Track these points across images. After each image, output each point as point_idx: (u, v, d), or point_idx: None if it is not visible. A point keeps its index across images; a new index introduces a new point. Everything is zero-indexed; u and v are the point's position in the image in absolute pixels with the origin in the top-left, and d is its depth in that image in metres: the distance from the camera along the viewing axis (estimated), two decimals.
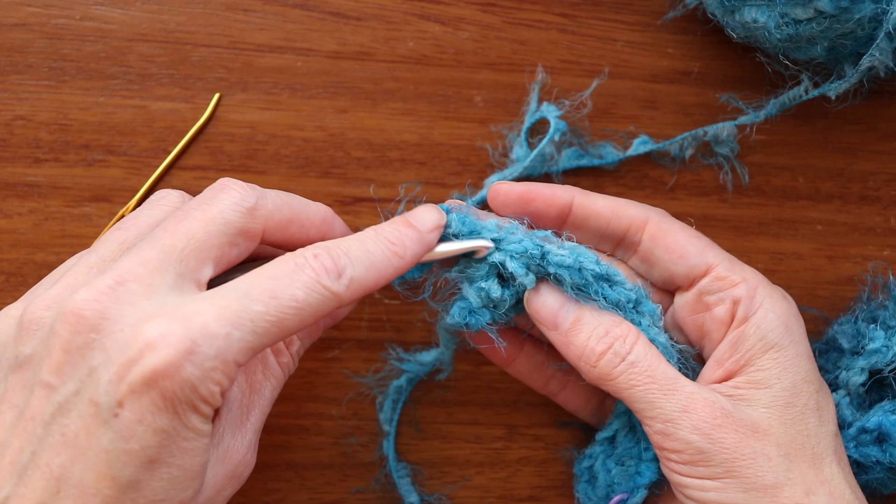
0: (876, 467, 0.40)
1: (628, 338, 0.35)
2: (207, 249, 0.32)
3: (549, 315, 0.36)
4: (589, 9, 0.46)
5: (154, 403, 0.28)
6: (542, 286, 0.36)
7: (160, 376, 0.28)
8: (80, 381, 0.29)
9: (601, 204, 0.39)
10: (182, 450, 0.29)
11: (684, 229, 0.38)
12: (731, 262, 0.38)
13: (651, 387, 0.35)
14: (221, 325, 0.29)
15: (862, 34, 0.41)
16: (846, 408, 0.42)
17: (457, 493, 0.45)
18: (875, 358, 0.42)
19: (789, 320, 0.37)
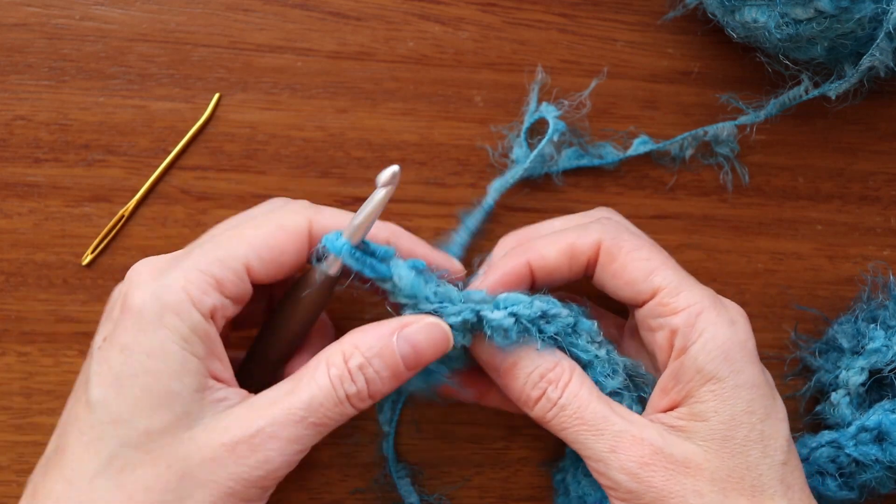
0: (875, 466, 0.40)
1: (560, 381, 0.35)
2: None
3: (488, 359, 0.37)
4: (589, 9, 0.46)
5: (124, 325, 0.32)
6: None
7: (126, 299, 0.32)
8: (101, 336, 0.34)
9: (552, 256, 0.38)
10: (145, 368, 0.31)
11: (634, 250, 0.37)
12: (679, 285, 0.36)
13: (580, 428, 0.35)
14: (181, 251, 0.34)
15: (862, 34, 0.41)
16: (846, 407, 0.42)
17: (457, 493, 0.44)
18: (875, 357, 0.42)
19: (731, 350, 0.35)
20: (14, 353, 0.42)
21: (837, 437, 0.41)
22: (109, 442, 0.31)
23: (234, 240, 0.34)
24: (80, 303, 0.43)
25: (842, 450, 0.41)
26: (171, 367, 0.32)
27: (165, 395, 0.32)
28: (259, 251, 0.34)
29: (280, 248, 0.35)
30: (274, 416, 0.32)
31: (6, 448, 0.42)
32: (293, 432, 0.32)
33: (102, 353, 0.33)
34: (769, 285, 0.47)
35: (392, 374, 0.34)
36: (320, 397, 0.33)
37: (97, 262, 0.43)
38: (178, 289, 0.32)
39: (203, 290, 0.33)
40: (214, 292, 0.33)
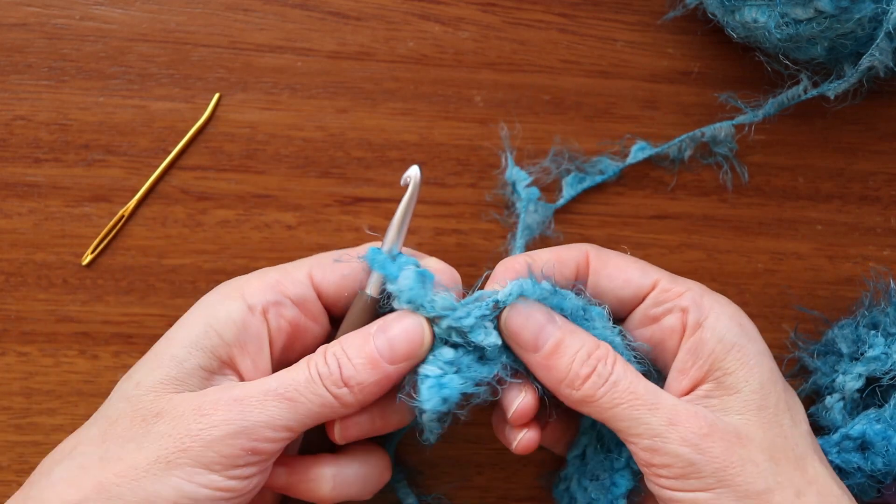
0: (857, 474, 0.40)
1: (608, 358, 0.35)
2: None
3: (529, 337, 0.36)
4: (589, 9, 0.46)
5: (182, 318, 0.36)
6: (520, 304, 0.36)
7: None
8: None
9: (545, 258, 0.38)
10: (168, 339, 0.35)
11: (621, 256, 0.39)
12: (673, 277, 0.38)
13: (635, 403, 0.34)
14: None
15: (862, 34, 0.41)
16: (838, 412, 0.42)
17: (457, 493, 0.45)
18: (874, 365, 0.42)
19: (741, 320, 0.37)
20: (14, 353, 0.42)
21: (821, 443, 0.41)
22: (114, 395, 0.35)
23: (299, 261, 0.38)
24: (80, 303, 0.43)
25: (825, 456, 0.41)
26: (189, 337, 0.34)
27: (168, 357, 0.34)
28: (321, 262, 0.37)
29: (340, 269, 0.37)
30: (246, 389, 0.34)
31: (6, 448, 0.42)
32: (263, 402, 0.33)
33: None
34: (769, 285, 0.47)
35: (368, 362, 0.34)
36: (293, 373, 0.34)
37: (97, 262, 0.43)
38: (235, 286, 0.36)
39: (258, 288, 0.35)
40: (271, 289, 0.35)
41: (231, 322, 0.34)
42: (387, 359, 0.34)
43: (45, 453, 0.42)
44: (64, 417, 0.42)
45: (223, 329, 0.34)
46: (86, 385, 0.43)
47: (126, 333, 0.43)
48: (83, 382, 0.43)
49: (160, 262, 0.43)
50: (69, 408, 0.42)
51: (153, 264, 0.43)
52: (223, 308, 0.35)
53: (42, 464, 0.35)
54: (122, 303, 0.43)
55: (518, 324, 0.36)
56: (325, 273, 0.36)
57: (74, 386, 0.43)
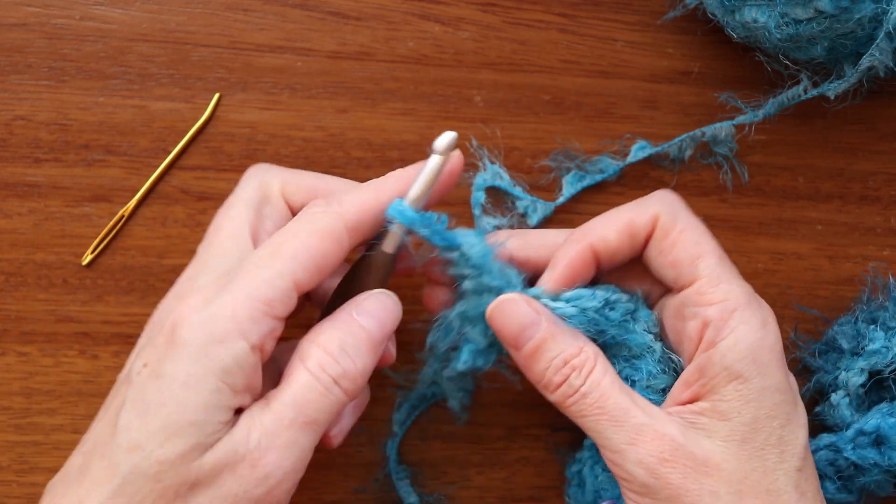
0: (873, 470, 0.40)
1: (584, 368, 0.35)
2: (238, 231, 0.35)
3: (511, 334, 0.36)
4: (589, 9, 0.46)
5: (167, 356, 0.31)
6: (504, 300, 0.36)
7: (174, 328, 0.32)
8: (132, 363, 0.34)
9: (614, 238, 0.37)
10: (175, 398, 0.31)
11: (688, 229, 0.36)
12: (720, 276, 0.36)
13: (600, 418, 0.34)
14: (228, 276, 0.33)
15: (862, 34, 0.41)
16: (845, 408, 0.42)
17: (457, 493, 0.45)
18: (875, 359, 0.42)
19: (759, 351, 0.34)
20: (14, 353, 0.42)
21: (836, 440, 0.41)
22: (123, 468, 0.31)
23: (276, 259, 0.33)
24: (80, 303, 0.43)
25: (840, 453, 0.41)
26: (202, 397, 0.31)
27: (187, 424, 0.31)
28: (305, 264, 0.33)
29: (322, 255, 0.34)
30: (263, 426, 0.32)
31: (6, 448, 0.42)
32: (286, 437, 0.32)
33: (141, 381, 0.32)
34: (769, 285, 0.47)
35: (369, 348, 0.34)
36: (303, 390, 0.33)
37: (97, 262, 0.43)
38: (227, 318, 0.31)
39: (254, 319, 0.32)
40: (266, 318, 0.32)
41: (241, 370, 0.32)
42: (378, 338, 0.35)
43: (45, 453, 0.42)
44: (64, 417, 0.42)
45: (236, 380, 0.32)
46: (86, 385, 0.43)
47: (126, 333, 0.43)
48: (83, 382, 0.43)
49: (160, 262, 0.43)
50: (69, 408, 0.42)
51: (153, 264, 0.43)
52: (229, 355, 0.31)
53: None
54: (122, 303, 0.43)
55: (502, 320, 0.36)
56: (309, 277, 0.34)
57: (74, 386, 0.43)
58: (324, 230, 0.34)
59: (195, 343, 0.31)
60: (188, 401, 0.31)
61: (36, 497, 0.42)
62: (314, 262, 0.34)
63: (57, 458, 0.42)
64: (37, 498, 0.34)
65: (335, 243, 0.34)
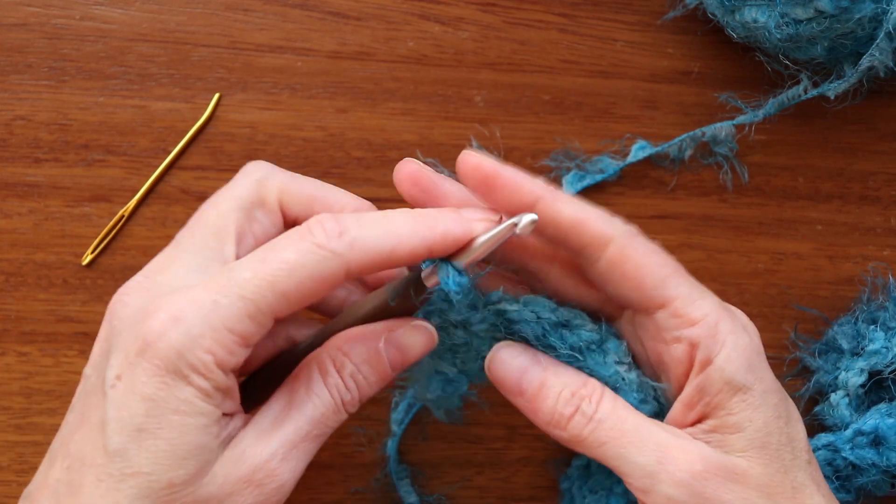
0: (871, 470, 0.40)
1: (593, 396, 0.34)
2: (223, 227, 0.34)
3: (513, 384, 0.35)
4: (589, 9, 0.46)
5: (144, 372, 0.30)
6: (501, 349, 0.35)
7: (148, 345, 0.30)
8: (99, 365, 0.32)
9: (565, 214, 0.35)
10: (170, 423, 0.30)
11: (648, 255, 0.35)
12: (692, 294, 0.34)
13: (622, 441, 0.33)
14: (208, 293, 0.31)
15: (862, 34, 0.41)
16: (845, 408, 0.42)
17: (457, 493, 0.45)
18: (875, 359, 0.42)
19: (752, 357, 0.34)
20: (14, 353, 0.42)
21: (834, 440, 0.41)
22: (129, 492, 0.30)
23: (269, 294, 0.31)
24: (80, 303, 0.43)
25: (838, 453, 0.41)
26: (200, 421, 0.31)
27: (195, 447, 0.31)
28: (290, 300, 0.32)
29: (311, 295, 0.32)
30: (284, 437, 0.32)
31: (6, 448, 0.42)
32: (302, 449, 0.32)
33: (120, 398, 0.31)
34: (769, 285, 0.47)
35: (380, 379, 0.34)
36: (321, 408, 0.33)
37: (97, 262, 0.43)
38: (205, 351, 0.31)
39: (230, 351, 0.31)
40: (240, 349, 0.31)
41: (221, 394, 0.31)
42: (396, 369, 0.34)
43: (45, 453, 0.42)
44: (64, 417, 0.42)
45: (219, 402, 0.31)
46: None
47: None
48: None
49: None
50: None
51: None
52: (209, 385, 0.31)
53: None
54: None
55: (500, 373, 0.35)
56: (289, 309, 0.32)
57: (74, 386, 0.42)
58: (323, 275, 0.32)
59: (175, 370, 0.30)
60: (185, 425, 0.30)
61: None
62: (301, 303, 0.32)
63: None
64: None
65: (331, 287, 0.32)
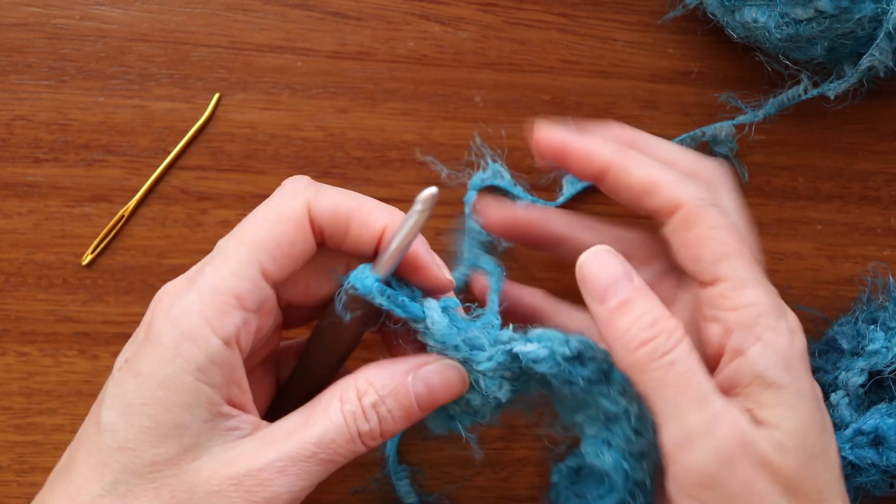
0: (871, 469, 0.40)
1: (674, 335, 0.32)
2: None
3: (599, 287, 0.33)
4: (589, 9, 0.46)
5: (145, 353, 0.31)
6: (598, 249, 0.34)
7: (151, 328, 0.31)
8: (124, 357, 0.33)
9: (636, 178, 0.35)
10: (155, 399, 0.31)
11: (713, 228, 0.34)
12: (746, 279, 0.33)
13: (684, 394, 0.32)
14: (199, 267, 0.33)
15: (862, 34, 0.41)
16: (845, 408, 0.42)
17: (457, 493, 0.45)
18: (875, 359, 0.42)
19: (790, 359, 0.33)
20: (14, 353, 0.42)
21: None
22: (115, 467, 0.31)
23: (241, 247, 0.32)
24: (80, 303, 0.43)
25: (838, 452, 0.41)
26: (182, 398, 0.31)
27: (174, 425, 0.31)
28: (269, 250, 0.32)
29: (288, 240, 0.33)
30: (285, 450, 0.32)
31: (6, 448, 0.42)
32: (303, 468, 0.32)
33: (120, 376, 0.32)
34: None
35: (405, 415, 0.33)
36: (332, 433, 0.32)
37: (97, 262, 0.43)
38: (196, 314, 0.31)
39: (223, 312, 0.31)
40: (235, 311, 0.31)
41: (216, 367, 0.31)
42: (423, 408, 0.34)
43: (45, 453, 0.42)
44: (64, 417, 0.42)
45: (213, 378, 0.31)
46: (86, 385, 0.43)
47: (126, 333, 0.43)
48: (83, 382, 0.43)
49: (160, 262, 0.43)
50: (69, 408, 0.42)
51: (153, 264, 0.43)
52: (202, 353, 0.31)
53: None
54: (122, 303, 0.43)
55: (593, 270, 0.34)
56: (276, 264, 0.33)
57: (74, 386, 0.43)
58: (288, 216, 0.33)
59: (167, 342, 0.31)
60: (168, 401, 0.31)
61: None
62: (280, 250, 0.32)
63: (57, 458, 0.42)
64: None
65: (301, 230, 0.33)
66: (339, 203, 0.34)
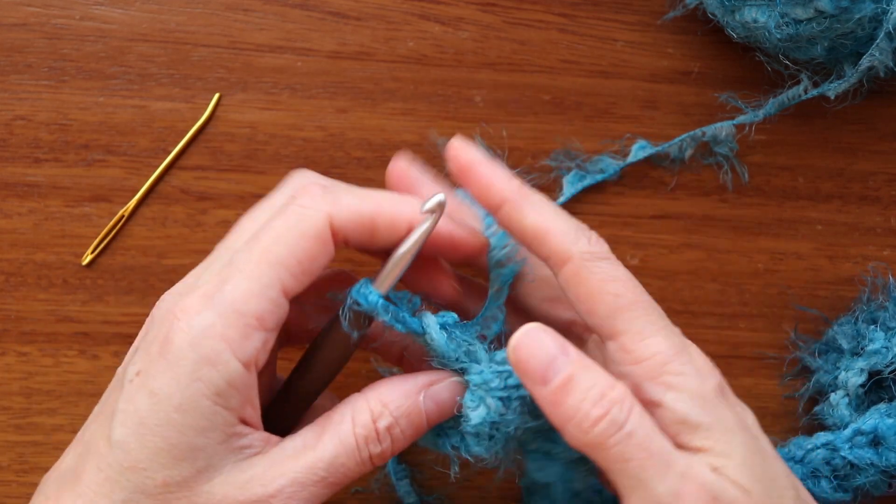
0: (870, 469, 0.40)
1: (625, 403, 0.31)
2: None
3: (537, 368, 0.31)
4: (589, 9, 0.46)
5: (158, 369, 0.31)
6: (531, 328, 0.32)
7: (166, 342, 0.31)
8: (127, 363, 0.33)
9: (528, 222, 0.34)
10: (170, 420, 0.30)
11: (604, 282, 0.33)
12: (644, 330, 0.32)
13: (647, 463, 0.30)
14: (215, 283, 0.31)
15: (862, 34, 0.41)
16: (845, 408, 0.42)
17: (457, 493, 0.45)
18: (875, 359, 0.42)
19: (706, 397, 0.32)
20: (14, 353, 0.42)
21: (833, 439, 0.41)
22: (125, 486, 0.30)
23: (263, 265, 0.31)
24: (80, 303, 0.43)
25: (837, 452, 0.41)
26: (199, 422, 0.30)
27: (188, 448, 0.30)
28: (290, 268, 0.32)
29: (310, 257, 0.32)
30: (295, 475, 0.31)
31: (6, 448, 0.42)
32: (312, 492, 0.31)
33: (132, 391, 0.31)
34: (769, 285, 0.47)
35: (415, 433, 0.33)
36: (343, 456, 0.32)
37: (97, 262, 0.43)
38: (217, 337, 0.30)
39: (244, 335, 0.31)
40: (256, 332, 0.31)
41: (234, 390, 0.31)
42: (431, 424, 0.34)
43: (45, 453, 0.42)
44: (64, 417, 0.42)
45: (230, 401, 0.31)
46: (86, 385, 0.43)
47: (126, 333, 0.43)
48: (83, 382, 0.43)
49: (160, 262, 0.43)
50: (69, 408, 0.42)
51: (153, 264, 0.43)
52: (222, 378, 0.30)
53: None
54: (122, 303, 0.43)
55: (527, 353, 0.32)
56: (296, 281, 0.32)
57: (74, 386, 0.43)
58: (312, 232, 0.32)
59: (186, 364, 0.30)
60: (185, 424, 0.30)
61: None
62: (302, 267, 0.32)
63: (57, 458, 0.42)
64: None
65: (322, 245, 0.32)
66: (361, 209, 0.33)
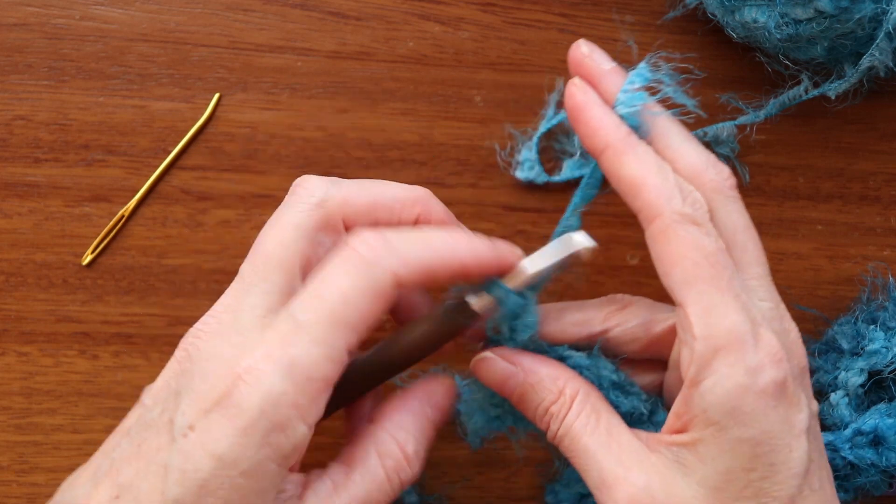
0: (870, 470, 0.40)
1: (560, 414, 0.35)
2: (287, 259, 0.33)
3: (497, 388, 0.36)
4: (589, 9, 0.46)
5: (220, 429, 0.29)
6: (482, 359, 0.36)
7: (226, 401, 0.30)
8: (166, 402, 0.31)
9: (626, 171, 0.34)
10: (233, 485, 0.29)
11: (688, 247, 0.33)
12: (714, 307, 0.32)
13: (576, 461, 0.34)
14: (282, 348, 0.30)
15: (862, 34, 0.41)
16: (845, 408, 0.42)
17: (457, 493, 0.45)
18: (874, 359, 0.42)
19: (743, 398, 0.31)
20: (14, 353, 0.42)
21: (833, 439, 0.41)
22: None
23: (331, 328, 0.31)
24: (80, 303, 0.43)
25: (837, 452, 0.41)
26: (262, 485, 0.30)
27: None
28: (358, 331, 0.31)
29: (376, 316, 0.32)
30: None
31: (6, 448, 0.42)
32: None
33: (188, 448, 0.30)
34: None
35: (430, 445, 0.35)
36: (375, 492, 0.33)
37: (97, 262, 0.43)
38: (289, 405, 0.30)
39: (313, 399, 0.30)
40: (324, 395, 0.31)
41: (298, 452, 0.31)
42: (438, 429, 0.36)
43: (45, 453, 0.42)
44: (64, 417, 0.42)
45: (291, 461, 0.31)
46: (86, 385, 0.43)
47: (126, 333, 0.43)
48: (83, 382, 0.43)
49: (160, 262, 0.43)
50: (69, 408, 0.42)
51: (153, 264, 0.43)
52: (289, 443, 0.30)
53: None
54: (122, 303, 0.43)
55: (483, 377, 0.36)
56: (360, 341, 0.32)
57: (74, 386, 0.43)
58: (378, 292, 0.32)
59: (257, 433, 0.30)
60: (248, 488, 0.30)
61: (36, 497, 0.42)
62: (367, 325, 0.32)
63: (57, 458, 0.42)
64: (37, 498, 0.34)
65: (387, 302, 0.32)
66: (424, 263, 0.33)
